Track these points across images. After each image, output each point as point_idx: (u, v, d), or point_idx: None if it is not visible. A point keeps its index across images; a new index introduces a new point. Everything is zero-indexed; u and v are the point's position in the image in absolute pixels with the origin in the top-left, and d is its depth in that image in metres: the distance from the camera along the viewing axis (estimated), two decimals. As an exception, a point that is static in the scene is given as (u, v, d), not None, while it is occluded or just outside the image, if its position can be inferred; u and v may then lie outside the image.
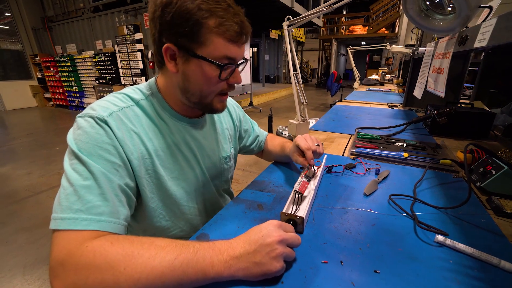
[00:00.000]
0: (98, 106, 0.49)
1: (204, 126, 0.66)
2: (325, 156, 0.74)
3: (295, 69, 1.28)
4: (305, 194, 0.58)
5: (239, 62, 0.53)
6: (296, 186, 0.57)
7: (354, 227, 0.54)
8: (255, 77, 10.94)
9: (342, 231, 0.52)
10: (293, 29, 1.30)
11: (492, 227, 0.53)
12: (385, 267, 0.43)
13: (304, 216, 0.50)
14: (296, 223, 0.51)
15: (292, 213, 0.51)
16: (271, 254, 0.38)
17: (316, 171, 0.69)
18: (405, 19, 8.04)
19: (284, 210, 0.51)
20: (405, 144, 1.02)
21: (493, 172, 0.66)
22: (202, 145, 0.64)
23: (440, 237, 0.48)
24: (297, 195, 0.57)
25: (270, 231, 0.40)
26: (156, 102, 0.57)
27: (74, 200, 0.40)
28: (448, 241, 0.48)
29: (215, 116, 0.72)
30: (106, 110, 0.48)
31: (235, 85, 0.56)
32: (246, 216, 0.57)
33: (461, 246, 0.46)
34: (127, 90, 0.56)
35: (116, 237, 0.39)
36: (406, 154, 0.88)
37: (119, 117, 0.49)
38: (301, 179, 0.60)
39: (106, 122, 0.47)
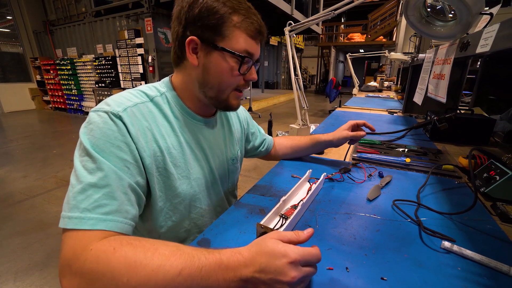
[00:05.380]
0: (113, 101, 0.48)
1: (215, 126, 0.67)
2: (323, 174, 0.72)
3: (296, 74, 1.28)
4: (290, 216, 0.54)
5: (256, 62, 0.56)
6: (283, 209, 0.56)
7: (358, 232, 0.52)
8: (254, 83, 11.00)
9: (346, 236, 0.51)
10: (294, 34, 1.31)
11: (499, 233, 0.52)
12: (392, 274, 0.42)
13: (281, 231, 0.46)
14: None
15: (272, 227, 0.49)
16: None
17: (306, 194, 0.64)
18: (402, 27, 8.16)
19: (262, 222, 0.48)
20: (406, 150, 1.02)
21: (497, 177, 0.65)
22: (212, 144, 0.65)
23: (446, 244, 0.47)
24: (282, 218, 0.54)
25: (284, 269, 0.33)
26: (170, 99, 0.57)
27: (82, 198, 0.39)
28: (455, 248, 0.47)
29: (225, 117, 0.72)
30: (120, 105, 0.48)
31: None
32: (248, 221, 0.56)
33: (468, 252, 0.45)
34: (143, 87, 0.57)
35: (119, 242, 0.37)
36: (408, 160, 0.87)
37: (134, 113, 0.49)
38: (287, 205, 0.59)
39: (120, 118, 0.46)
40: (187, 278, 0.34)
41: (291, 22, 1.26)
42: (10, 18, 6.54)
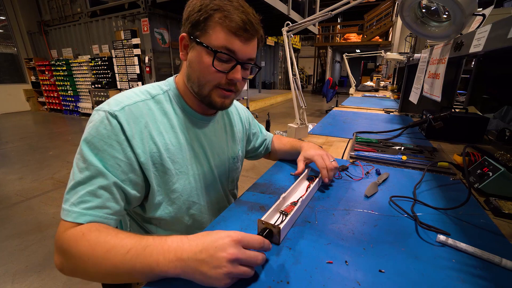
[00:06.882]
0: (114, 100, 0.52)
1: (216, 124, 0.68)
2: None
3: (294, 74, 1.30)
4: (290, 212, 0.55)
5: (244, 62, 0.53)
6: (282, 206, 0.57)
7: (356, 228, 0.54)
8: (251, 83, 11.02)
9: (345, 231, 0.52)
10: (292, 35, 1.32)
11: (492, 227, 0.54)
12: (389, 266, 0.43)
13: (282, 226, 0.47)
14: (271, 232, 0.47)
15: (273, 222, 0.49)
16: (218, 270, 0.35)
17: (306, 191, 0.65)
18: (398, 27, 8.24)
19: (263, 218, 0.49)
20: (402, 148, 1.03)
21: (490, 173, 0.67)
22: (212, 143, 0.66)
23: (442, 237, 0.49)
24: (282, 215, 0.54)
25: (225, 245, 0.36)
26: (172, 97, 0.59)
27: (72, 193, 0.45)
28: (450, 241, 0.48)
29: (227, 117, 0.73)
30: (119, 104, 0.51)
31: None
32: (249, 218, 0.57)
33: (462, 245, 0.47)
34: (147, 86, 0.59)
35: (89, 228, 0.42)
36: (404, 157, 0.89)
37: (131, 111, 0.52)
38: (286, 202, 0.59)
39: (116, 117, 0.49)
40: (132, 256, 0.38)
41: (289, 22, 1.27)
42: (4, 18, 6.46)
